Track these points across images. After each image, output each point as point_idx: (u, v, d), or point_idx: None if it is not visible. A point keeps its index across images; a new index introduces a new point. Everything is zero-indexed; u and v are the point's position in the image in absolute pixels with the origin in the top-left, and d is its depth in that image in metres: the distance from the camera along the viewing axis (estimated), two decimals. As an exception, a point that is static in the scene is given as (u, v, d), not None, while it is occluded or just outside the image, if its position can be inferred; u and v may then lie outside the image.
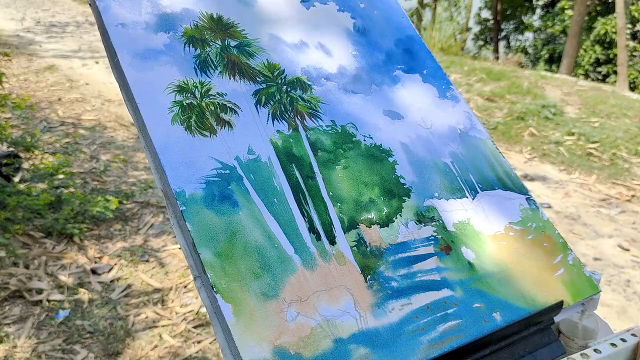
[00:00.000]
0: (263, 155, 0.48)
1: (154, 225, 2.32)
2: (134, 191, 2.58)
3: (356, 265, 0.46)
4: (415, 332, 0.43)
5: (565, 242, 0.55)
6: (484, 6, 11.45)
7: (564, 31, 9.01)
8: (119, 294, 1.87)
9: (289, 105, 0.52)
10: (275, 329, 0.40)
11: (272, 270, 0.43)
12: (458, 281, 0.48)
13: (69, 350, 1.62)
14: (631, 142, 3.71)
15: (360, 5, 0.64)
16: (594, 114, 4.23)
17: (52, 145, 2.94)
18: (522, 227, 0.54)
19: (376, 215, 0.49)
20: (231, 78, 0.52)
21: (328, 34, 0.60)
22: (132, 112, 0.49)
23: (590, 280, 0.54)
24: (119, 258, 2.07)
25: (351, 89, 0.57)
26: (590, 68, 8.53)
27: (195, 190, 0.44)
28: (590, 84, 5.24)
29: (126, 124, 3.39)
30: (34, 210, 2.19)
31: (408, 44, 0.63)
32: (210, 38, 0.53)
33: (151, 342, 1.68)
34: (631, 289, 2.20)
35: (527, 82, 4.82)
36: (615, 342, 0.51)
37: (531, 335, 0.50)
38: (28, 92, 3.71)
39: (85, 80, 4.14)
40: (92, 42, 5.21)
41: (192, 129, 0.47)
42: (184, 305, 1.85)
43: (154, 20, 0.52)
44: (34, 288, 1.85)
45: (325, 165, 0.50)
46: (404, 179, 0.52)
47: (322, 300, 0.42)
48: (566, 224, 2.71)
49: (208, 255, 0.41)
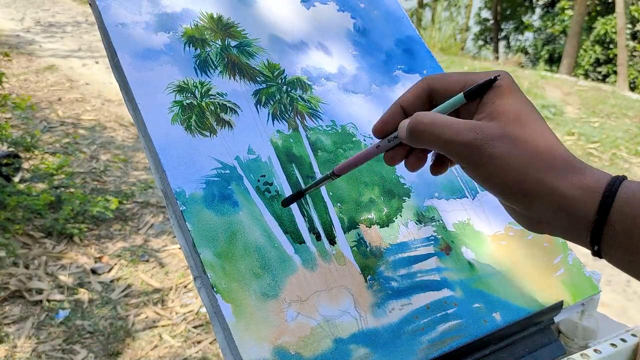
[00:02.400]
0: (263, 155, 0.48)
1: (154, 225, 2.32)
2: (134, 191, 2.58)
3: (356, 265, 0.46)
4: (415, 332, 0.43)
5: (565, 242, 0.55)
6: (484, 6, 11.44)
7: (564, 31, 9.01)
8: (119, 294, 1.87)
9: (289, 105, 0.52)
10: (275, 329, 0.40)
11: (272, 270, 0.42)
12: (458, 281, 0.48)
13: (69, 350, 1.62)
14: (631, 142, 3.71)
15: (360, 5, 0.64)
16: (594, 114, 4.23)
17: (52, 145, 2.94)
18: (522, 227, 0.54)
19: (376, 215, 0.49)
20: (231, 78, 0.52)
21: (328, 34, 0.60)
22: (132, 112, 0.49)
23: (590, 280, 0.54)
24: (119, 258, 2.07)
25: (351, 89, 0.57)
26: (590, 68, 8.53)
27: (195, 190, 0.44)
28: (590, 84, 5.24)
29: (126, 124, 3.39)
30: (34, 210, 2.19)
31: (408, 44, 0.63)
32: (211, 38, 0.53)
33: (151, 342, 1.68)
34: (631, 289, 2.20)
35: (527, 82, 4.82)
36: (615, 342, 0.51)
37: (531, 335, 0.50)
38: (28, 92, 3.71)
39: (85, 80, 4.14)
40: (92, 42, 5.21)
41: (192, 128, 0.47)
42: (184, 305, 1.85)
43: (154, 20, 0.52)
44: (34, 288, 1.85)
45: (325, 165, 0.50)
46: (404, 179, 0.52)
47: (322, 300, 0.42)
48: (566, 224, 2.71)
49: (208, 255, 0.41)
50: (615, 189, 0.30)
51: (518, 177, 0.32)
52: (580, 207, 0.31)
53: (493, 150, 0.32)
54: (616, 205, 0.30)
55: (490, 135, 0.32)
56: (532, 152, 0.32)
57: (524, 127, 0.33)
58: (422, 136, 0.35)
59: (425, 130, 0.35)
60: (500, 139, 0.32)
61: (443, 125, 0.34)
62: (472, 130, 0.33)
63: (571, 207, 0.31)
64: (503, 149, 0.32)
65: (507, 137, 0.32)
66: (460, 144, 0.33)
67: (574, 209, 0.31)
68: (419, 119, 0.35)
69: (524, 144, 0.32)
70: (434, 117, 0.35)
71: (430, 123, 0.34)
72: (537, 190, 0.31)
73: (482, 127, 0.33)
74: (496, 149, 0.32)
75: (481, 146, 0.32)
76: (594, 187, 0.30)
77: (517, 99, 0.34)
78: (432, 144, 0.35)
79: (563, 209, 0.31)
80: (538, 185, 0.31)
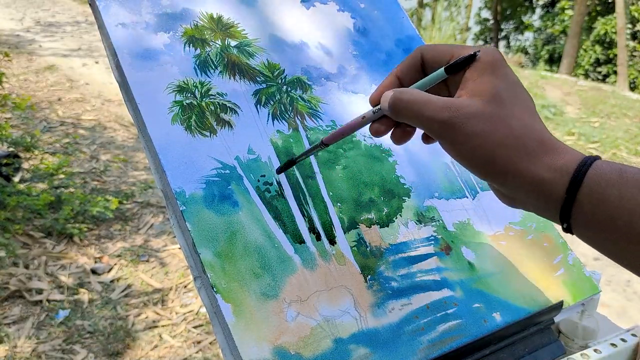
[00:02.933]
0: (263, 155, 0.48)
1: (154, 225, 2.32)
2: (134, 191, 2.58)
3: (356, 265, 0.46)
4: (415, 332, 0.43)
5: (565, 242, 0.55)
6: (484, 6, 11.44)
7: (564, 31, 9.00)
8: (119, 294, 1.87)
9: (289, 105, 0.52)
10: (275, 329, 0.40)
11: (272, 270, 0.42)
12: (458, 281, 0.48)
13: (69, 350, 1.62)
14: (631, 142, 3.71)
15: (360, 5, 0.64)
16: (594, 113, 4.23)
17: (52, 145, 2.94)
18: (522, 227, 0.54)
19: (376, 215, 0.49)
20: (231, 78, 0.52)
21: (328, 34, 0.60)
22: (132, 112, 0.49)
23: (590, 280, 0.54)
24: (119, 258, 2.07)
25: (351, 89, 0.57)
26: (590, 68, 8.52)
27: (195, 190, 0.44)
28: (590, 84, 5.24)
29: (126, 124, 3.39)
30: (34, 210, 2.19)
31: (408, 44, 0.63)
32: (210, 38, 0.53)
33: (151, 342, 1.68)
34: (631, 289, 2.20)
35: (527, 82, 4.82)
36: (615, 342, 0.51)
37: (531, 335, 0.50)
38: (28, 92, 3.71)
39: (85, 80, 4.14)
40: (92, 42, 5.21)
41: (192, 128, 0.47)
42: (184, 305, 1.85)
43: (154, 20, 0.52)
44: (34, 288, 1.85)
45: (326, 165, 0.50)
46: (404, 179, 0.52)
47: (322, 300, 0.42)
48: (566, 224, 2.71)
49: (208, 255, 0.41)
50: (585, 169, 0.31)
51: (490, 156, 0.32)
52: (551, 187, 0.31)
53: (468, 128, 0.32)
54: (585, 185, 0.30)
55: (466, 113, 0.32)
56: (505, 132, 0.32)
57: (501, 107, 0.33)
58: (402, 112, 0.35)
59: (405, 107, 0.35)
60: (476, 118, 0.32)
61: (421, 102, 0.34)
62: (448, 109, 0.33)
63: (542, 188, 0.32)
64: (478, 127, 0.32)
65: (482, 116, 0.32)
66: (437, 121, 0.33)
67: (544, 190, 0.31)
68: (398, 95, 0.35)
69: (499, 124, 0.32)
70: (413, 94, 0.35)
71: (409, 100, 0.35)
72: (508, 170, 0.32)
73: (459, 105, 0.33)
74: (471, 127, 0.32)
75: (457, 124, 0.32)
76: (565, 168, 0.31)
77: (499, 77, 0.34)
78: (411, 120, 0.35)
79: (534, 189, 0.32)
80: (509, 166, 0.32)
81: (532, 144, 0.32)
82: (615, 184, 0.30)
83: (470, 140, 0.32)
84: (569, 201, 0.31)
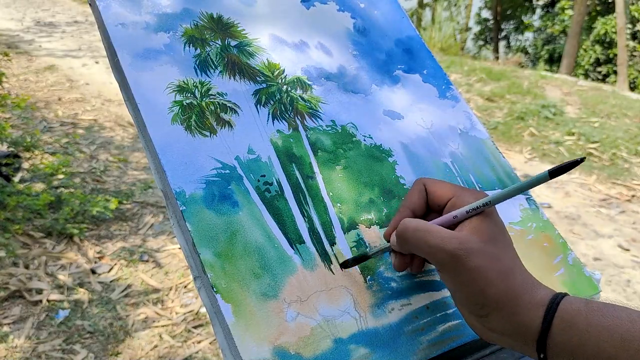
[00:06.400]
0: (263, 155, 0.48)
1: (153, 226, 2.32)
2: (133, 191, 2.58)
3: (356, 266, 0.46)
4: (415, 332, 0.43)
5: (565, 242, 0.55)
6: (484, 6, 11.44)
7: (564, 31, 9.01)
8: (118, 294, 1.87)
9: (289, 105, 0.52)
10: (275, 329, 0.40)
11: (272, 270, 0.42)
12: (458, 281, 0.48)
13: (69, 350, 1.62)
14: (631, 142, 3.71)
15: (360, 5, 0.64)
16: (594, 114, 4.23)
17: (51, 145, 2.94)
18: (522, 227, 0.54)
19: (376, 216, 0.49)
20: (231, 78, 0.52)
21: (328, 34, 0.60)
22: (132, 112, 0.49)
23: (590, 280, 0.54)
24: (119, 258, 2.07)
25: (351, 89, 0.57)
26: (590, 68, 8.52)
27: (195, 190, 0.44)
28: (590, 84, 5.24)
29: (126, 124, 3.39)
30: (33, 210, 2.19)
31: (408, 44, 0.63)
32: (210, 38, 0.53)
33: (151, 342, 1.68)
34: (631, 289, 2.20)
35: (527, 82, 4.82)
36: (615, 342, 0.50)
37: (531, 335, 0.50)
38: (28, 92, 3.71)
39: (85, 80, 4.14)
40: (92, 42, 5.21)
41: (192, 128, 0.47)
42: (184, 305, 1.85)
43: (154, 20, 0.52)
44: (33, 288, 1.85)
45: (325, 165, 0.50)
46: (404, 179, 0.52)
47: (322, 300, 0.42)
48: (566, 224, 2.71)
49: (208, 255, 0.41)
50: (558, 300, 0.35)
51: (484, 288, 0.36)
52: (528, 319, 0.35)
53: (470, 261, 0.36)
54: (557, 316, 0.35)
55: (470, 248, 0.37)
56: (498, 269, 0.36)
57: (496, 246, 0.38)
58: (409, 241, 0.40)
59: (412, 236, 0.39)
60: (478, 253, 0.36)
61: (428, 231, 0.38)
62: (455, 240, 0.37)
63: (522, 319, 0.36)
64: (479, 262, 0.36)
65: (483, 253, 0.37)
66: (443, 251, 0.37)
67: (523, 321, 0.36)
68: (406, 224, 0.40)
69: (496, 260, 0.37)
70: (419, 224, 0.39)
71: (416, 229, 0.39)
72: (498, 301, 0.36)
73: (464, 239, 0.37)
74: (472, 261, 0.36)
75: (462, 256, 0.36)
76: (541, 302, 0.36)
77: (493, 221, 0.39)
78: (417, 249, 0.39)
79: (514, 320, 0.36)
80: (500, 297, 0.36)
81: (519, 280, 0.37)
82: (582, 312, 0.34)
83: (470, 272, 0.36)
84: (544, 332, 0.35)
